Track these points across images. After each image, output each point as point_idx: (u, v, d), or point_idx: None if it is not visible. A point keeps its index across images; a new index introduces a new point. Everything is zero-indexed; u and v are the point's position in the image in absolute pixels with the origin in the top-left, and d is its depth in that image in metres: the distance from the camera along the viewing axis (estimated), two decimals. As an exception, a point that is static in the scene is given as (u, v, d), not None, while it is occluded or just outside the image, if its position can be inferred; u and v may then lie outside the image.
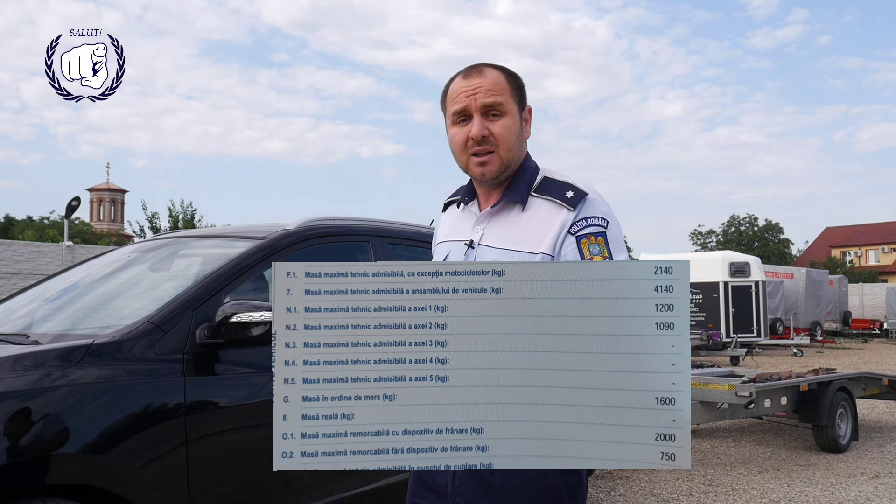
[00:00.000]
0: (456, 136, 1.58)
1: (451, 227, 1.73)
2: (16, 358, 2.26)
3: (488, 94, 1.55)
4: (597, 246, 1.50)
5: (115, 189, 62.50)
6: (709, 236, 54.28)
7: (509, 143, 1.56)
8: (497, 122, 1.55)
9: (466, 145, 1.56)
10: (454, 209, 1.76)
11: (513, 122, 1.57)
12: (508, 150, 1.56)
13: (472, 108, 1.55)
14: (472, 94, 1.55)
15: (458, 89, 1.58)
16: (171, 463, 2.43)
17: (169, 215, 25.45)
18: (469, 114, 1.56)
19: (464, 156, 1.59)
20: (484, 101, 1.54)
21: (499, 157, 1.56)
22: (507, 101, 1.57)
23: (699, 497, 4.97)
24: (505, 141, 1.56)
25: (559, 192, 1.56)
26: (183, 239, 3.76)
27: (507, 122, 1.56)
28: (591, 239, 1.50)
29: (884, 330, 26.88)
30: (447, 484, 1.53)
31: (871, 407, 8.80)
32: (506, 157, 1.56)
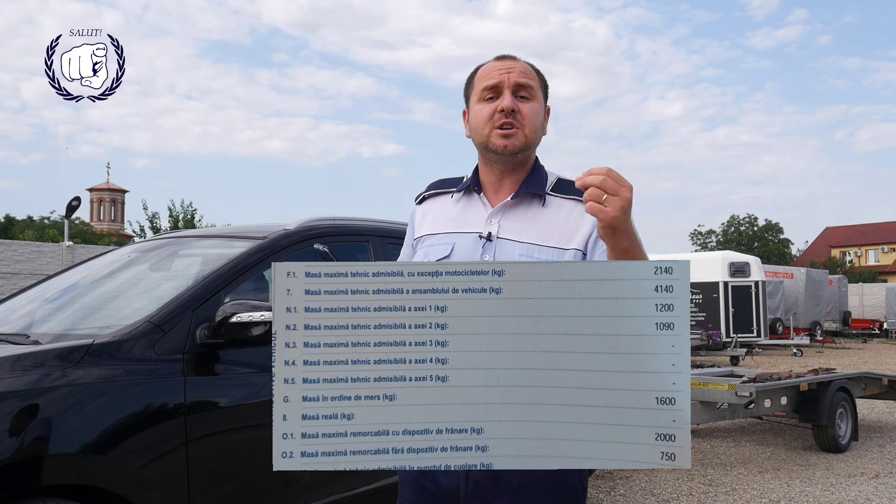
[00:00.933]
0: (482, 111, 1.59)
1: (443, 220, 1.66)
2: (16, 358, 2.26)
3: (521, 75, 1.59)
4: None
5: (116, 189, 62.49)
6: (709, 236, 54.27)
7: (535, 124, 1.59)
8: (526, 104, 1.58)
9: (492, 118, 1.57)
10: (443, 200, 1.70)
11: (539, 108, 1.61)
12: (533, 130, 1.58)
13: (505, 84, 1.57)
14: (506, 73, 1.58)
15: (492, 67, 1.61)
16: (171, 463, 2.43)
17: (169, 215, 25.46)
18: (500, 90, 1.58)
19: (486, 128, 1.57)
20: (517, 80, 1.58)
21: (523, 134, 1.57)
22: (536, 88, 1.61)
23: (699, 497, 4.97)
24: (531, 122, 1.58)
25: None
26: (183, 239, 3.76)
27: (535, 106, 1.60)
28: None
29: (883, 330, 26.87)
30: (459, 487, 1.48)
31: (871, 407, 8.80)
32: (529, 137, 1.57)
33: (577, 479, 1.52)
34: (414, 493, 1.56)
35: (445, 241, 1.61)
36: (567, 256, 1.51)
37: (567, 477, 1.50)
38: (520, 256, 1.52)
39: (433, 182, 1.75)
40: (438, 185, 1.73)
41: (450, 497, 1.50)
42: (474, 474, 1.47)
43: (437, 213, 1.68)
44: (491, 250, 1.55)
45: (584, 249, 1.53)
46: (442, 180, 1.74)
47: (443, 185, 1.72)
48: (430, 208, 1.71)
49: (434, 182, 1.75)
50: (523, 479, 1.46)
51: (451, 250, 1.59)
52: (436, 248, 1.62)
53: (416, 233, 1.72)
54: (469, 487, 1.48)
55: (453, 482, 1.49)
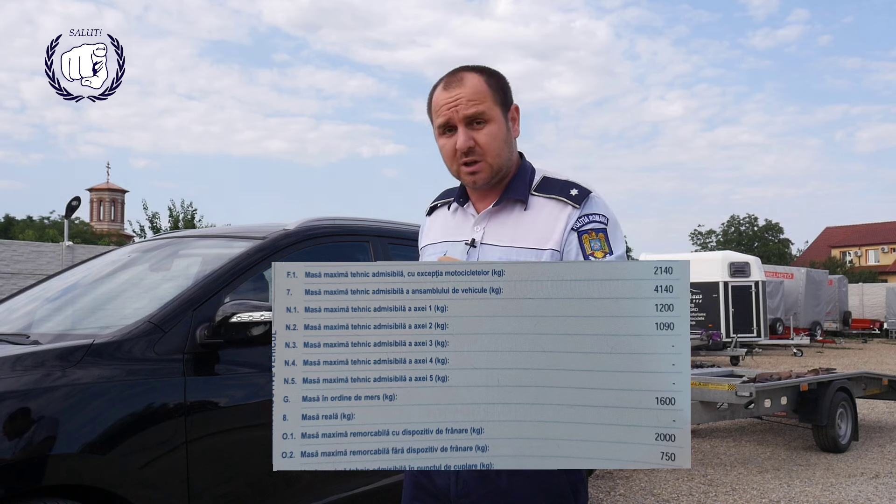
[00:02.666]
0: (444, 147, 1.59)
1: (443, 229, 1.71)
2: (16, 358, 2.26)
3: (469, 105, 1.54)
4: (598, 241, 1.52)
5: (116, 189, 62.49)
6: (709, 236, 54.27)
7: (496, 149, 1.56)
8: (482, 131, 1.55)
9: (455, 155, 1.57)
10: (444, 212, 1.75)
11: (497, 127, 1.57)
12: (496, 156, 1.56)
13: (455, 119, 1.54)
14: (453, 107, 1.54)
15: (440, 102, 1.58)
16: (171, 463, 2.43)
17: (169, 215, 25.46)
18: (453, 125, 1.56)
19: (454, 165, 1.59)
20: (465, 112, 1.54)
21: (487, 165, 1.56)
22: (489, 108, 1.55)
23: (699, 497, 4.97)
24: (491, 149, 1.55)
25: (563, 191, 1.57)
26: (183, 239, 3.75)
27: (493, 129, 1.55)
28: (593, 234, 1.52)
29: (884, 330, 26.86)
30: (450, 486, 1.51)
31: (871, 407, 8.80)
32: (495, 164, 1.57)
33: (567, 483, 1.51)
34: (414, 489, 1.60)
35: (440, 249, 1.68)
36: (544, 256, 1.52)
37: (556, 481, 1.50)
38: (499, 258, 1.55)
39: (441, 192, 1.81)
40: (443, 195, 1.79)
41: (443, 495, 1.53)
42: (464, 475, 1.49)
43: (439, 223, 1.75)
44: (475, 255, 1.59)
45: (559, 249, 1.53)
46: (447, 191, 1.79)
47: (446, 196, 1.78)
48: (436, 219, 1.77)
49: (441, 192, 1.81)
50: (511, 482, 1.47)
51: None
52: (431, 257, 1.70)
53: (421, 242, 1.79)
54: (458, 487, 1.50)
55: (445, 481, 1.52)
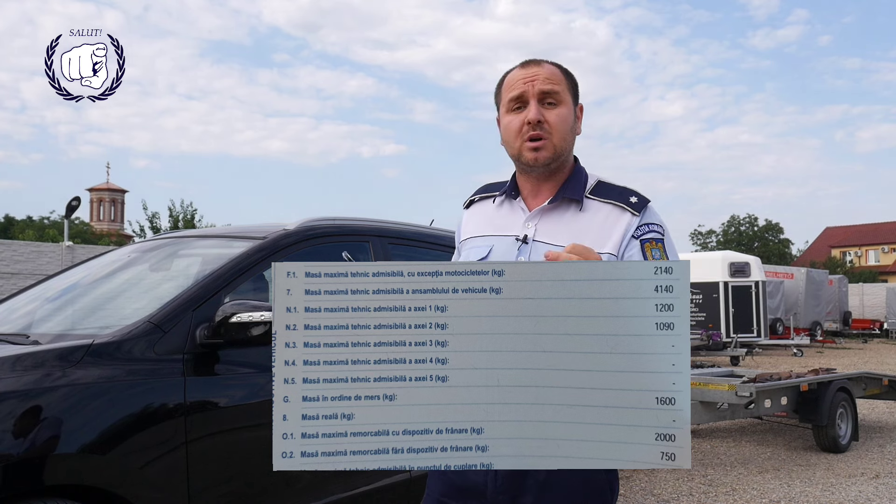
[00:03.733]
0: (511, 123, 1.60)
1: (485, 223, 1.69)
2: (16, 358, 2.25)
3: (546, 82, 1.57)
4: (657, 251, 1.53)
5: (115, 189, 62.49)
6: (709, 236, 54.24)
7: (563, 132, 1.58)
8: (553, 111, 1.57)
9: (521, 131, 1.58)
10: (486, 205, 1.73)
11: (568, 112, 1.59)
12: (562, 138, 1.58)
13: (530, 93, 1.57)
14: (529, 81, 1.58)
15: (516, 76, 1.61)
16: (171, 463, 2.43)
17: (169, 215, 25.46)
18: (526, 100, 1.58)
19: (517, 142, 1.59)
20: (542, 87, 1.57)
21: (552, 144, 1.57)
22: (563, 92, 1.59)
23: (699, 497, 4.97)
24: (559, 129, 1.57)
25: (622, 197, 1.58)
26: (183, 239, 3.75)
27: (563, 112, 1.58)
28: (654, 244, 1.53)
29: (884, 330, 26.86)
30: (487, 482, 1.49)
31: (871, 407, 8.80)
32: (559, 146, 1.57)
33: (606, 480, 1.51)
34: (441, 486, 1.57)
35: (485, 243, 1.66)
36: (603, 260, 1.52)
37: (596, 477, 1.49)
38: None
39: (481, 187, 1.80)
40: (484, 189, 1.77)
41: (477, 492, 1.50)
42: (502, 472, 1.46)
43: (480, 217, 1.73)
44: (526, 252, 1.57)
45: (616, 254, 1.53)
46: (488, 185, 1.78)
47: (488, 190, 1.76)
48: (476, 212, 1.75)
49: (481, 187, 1.80)
50: (550, 476, 1.45)
51: (489, 252, 1.63)
52: (475, 250, 1.67)
53: (461, 236, 1.77)
54: (497, 483, 1.48)
55: (482, 477, 1.49)
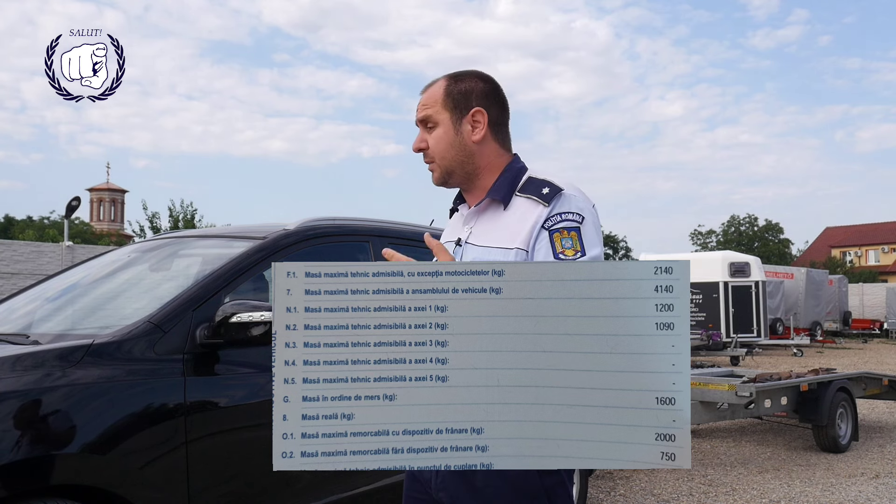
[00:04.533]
0: None
1: (450, 230, 1.81)
2: (16, 358, 2.26)
3: (422, 109, 1.69)
4: (569, 240, 1.51)
5: (116, 189, 62.50)
6: (709, 236, 54.26)
7: (440, 151, 1.67)
8: (431, 134, 1.68)
9: None
10: (456, 213, 1.83)
11: (444, 131, 1.67)
12: (442, 157, 1.67)
13: (417, 121, 1.71)
14: (417, 111, 1.71)
15: None
16: (171, 463, 2.43)
17: (169, 215, 25.48)
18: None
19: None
20: (419, 116, 1.69)
21: (437, 166, 1.68)
22: (436, 112, 1.67)
23: (699, 497, 4.97)
24: (436, 150, 1.67)
25: (536, 189, 1.60)
26: (183, 239, 3.75)
27: (437, 133, 1.67)
28: (564, 233, 1.52)
29: (884, 330, 26.86)
30: (431, 478, 1.58)
31: (871, 407, 8.80)
32: (443, 164, 1.67)
33: (541, 485, 1.50)
34: (409, 480, 1.69)
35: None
36: (510, 255, 1.54)
37: (530, 483, 1.50)
38: (474, 258, 1.61)
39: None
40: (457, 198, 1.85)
41: (426, 485, 1.61)
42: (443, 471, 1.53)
43: (449, 225, 1.85)
44: (459, 254, 1.66)
45: (525, 247, 1.54)
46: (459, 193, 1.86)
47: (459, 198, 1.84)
48: (451, 221, 1.86)
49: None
50: (486, 481, 1.49)
51: None
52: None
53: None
54: (438, 480, 1.56)
55: (428, 473, 1.59)
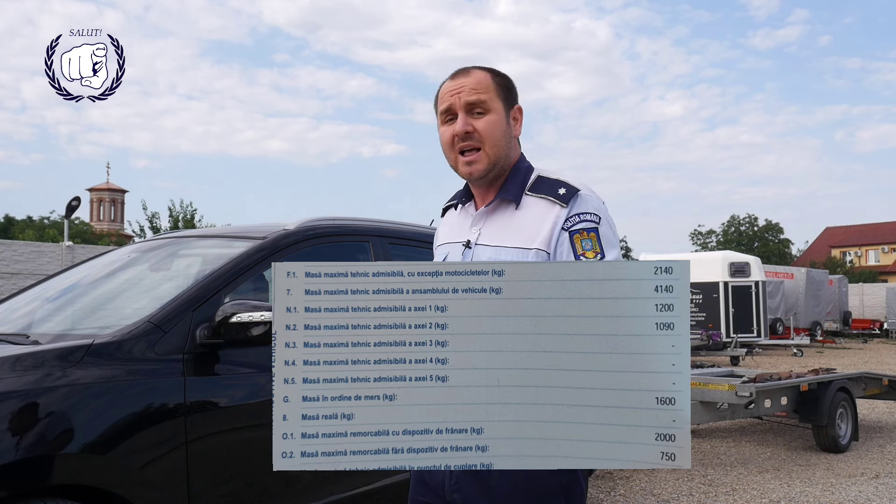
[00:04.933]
0: (444, 135, 1.62)
1: (450, 230, 1.76)
2: (16, 358, 2.26)
3: (471, 93, 1.58)
4: (589, 241, 1.52)
5: (115, 189, 62.49)
6: (709, 236, 54.25)
7: (494, 139, 1.59)
8: (481, 119, 1.58)
9: (453, 143, 1.60)
10: (452, 212, 1.79)
11: (497, 118, 1.60)
12: (494, 145, 1.59)
13: (457, 106, 1.59)
14: (456, 94, 1.59)
15: (446, 89, 1.63)
16: (171, 463, 2.43)
17: (169, 215, 25.48)
18: (454, 112, 1.59)
19: (452, 154, 1.62)
20: (467, 98, 1.58)
21: (485, 155, 1.58)
22: (490, 99, 1.59)
23: (699, 497, 4.97)
24: (489, 137, 1.58)
25: (552, 190, 1.58)
26: (183, 239, 3.75)
27: (492, 119, 1.59)
28: (584, 234, 1.52)
29: (884, 330, 26.85)
30: (444, 481, 1.54)
31: (871, 407, 8.80)
32: (492, 154, 1.59)
33: (558, 483, 1.49)
34: (415, 485, 1.63)
35: (445, 250, 1.73)
36: (529, 256, 1.53)
37: (546, 481, 1.47)
38: (489, 258, 1.57)
39: (453, 194, 1.83)
40: (453, 197, 1.82)
41: (438, 490, 1.56)
42: (457, 472, 1.51)
43: (447, 224, 1.79)
44: (469, 256, 1.62)
45: (547, 249, 1.53)
46: (456, 192, 1.81)
47: (454, 198, 1.80)
48: (447, 220, 1.81)
49: (454, 194, 1.83)
50: (501, 480, 1.47)
51: (445, 258, 1.70)
52: (438, 258, 1.75)
53: (435, 243, 1.83)
54: (452, 482, 1.53)
55: (441, 477, 1.55)
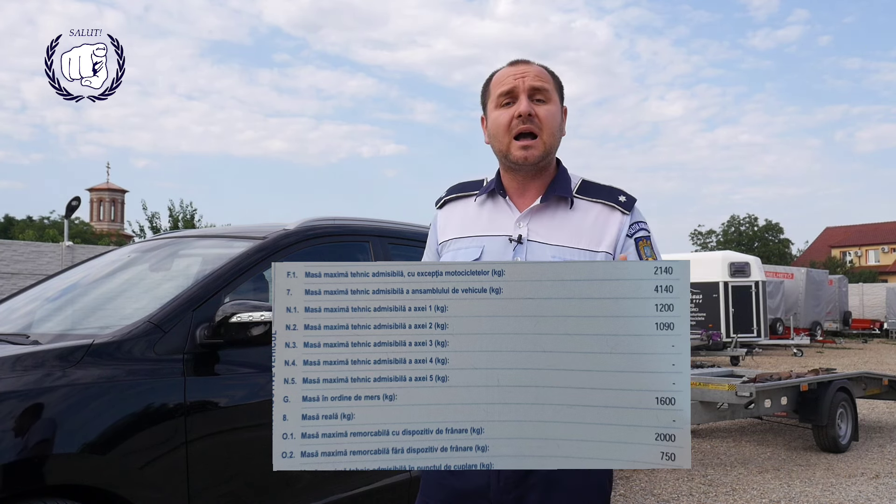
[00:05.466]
0: (500, 118, 1.58)
1: (470, 223, 1.64)
2: (16, 358, 2.25)
3: (536, 79, 1.58)
4: (649, 248, 1.56)
5: (115, 189, 62.47)
6: (709, 236, 54.20)
7: (553, 128, 1.58)
8: (542, 107, 1.58)
9: (510, 126, 1.56)
10: (466, 204, 1.68)
11: (556, 110, 1.60)
12: (551, 134, 1.58)
13: (521, 88, 1.57)
14: (520, 77, 1.58)
15: (506, 73, 1.61)
16: (171, 463, 2.43)
17: (169, 215, 25.47)
18: (516, 95, 1.57)
19: (506, 138, 1.57)
20: (532, 83, 1.57)
21: (542, 143, 1.56)
22: (552, 90, 1.60)
23: (699, 497, 4.97)
24: (549, 125, 1.57)
25: (612, 196, 1.59)
26: (183, 239, 3.75)
27: (552, 108, 1.59)
28: (645, 242, 1.57)
29: (884, 330, 26.85)
30: (490, 484, 1.47)
31: (871, 407, 8.80)
32: (548, 143, 1.58)
33: (606, 476, 1.55)
34: (441, 492, 1.53)
35: (474, 244, 1.61)
36: (598, 258, 1.53)
37: (597, 473, 1.52)
38: (553, 258, 1.52)
39: (453, 186, 1.75)
40: (459, 188, 1.73)
41: (480, 494, 1.48)
42: (507, 471, 1.45)
43: (461, 217, 1.68)
44: (522, 253, 1.55)
45: (612, 252, 1.55)
46: (462, 184, 1.73)
47: (463, 189, 1.71)
48: (454, 212, 1.70)
49: (454, 185, 1.75)
50: (555, 474, 1.44)
51: (482, 253, 1.58)
52: (465, 252, 1.61)
53: (440, 237, 1.71)
54: (500, 483, 1.47)
55: (484, 479, 1.48)
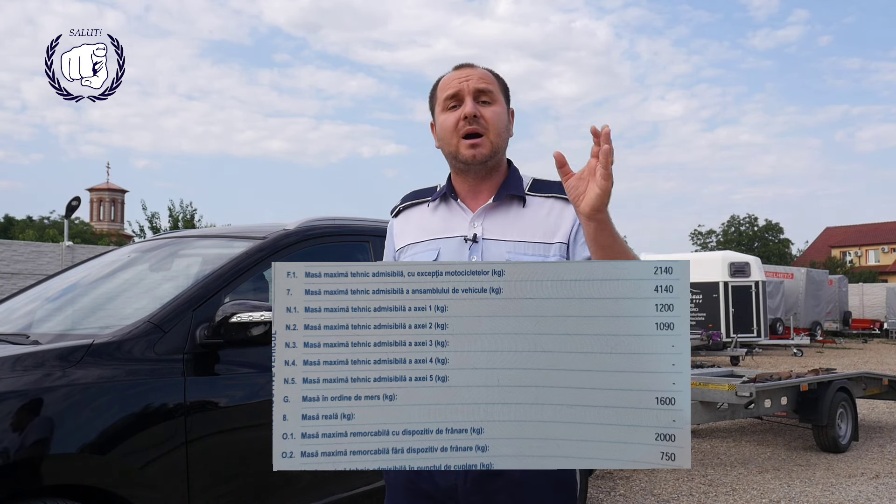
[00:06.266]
0: (447, 120, 1.61)
1: (423, 228, 1.67)
2: (16, 358, 2.26)
3: (480, 81, 1.61)
4: None
5: (115, 189, 62.47)
6: (709, 236, 54.21)
7: (499, 128, 1.61)
8: (488, 108, 1.60)
9: (457, 127, 1.59)
10: (420, 210, 1.71)
11: (502, 110, 1.63)
12: (497, 135, 1.60)
13: (466, 91, 1.60)
14: (465, 80, 1.61)
15: (452, 77, 1.64)
16: (171, 463, 2.43)
17: (169, 215, 25.47)
18: (461, 97, 1.60)
19: (454, 139, 1.59)
20: (477, 85, 1.60)
21: (489, 141, 1.59)
22: (497, 92, 1.63)
23: (699, 497, 4.97)
24: (495, 125, 1.60)
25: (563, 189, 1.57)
26: (183, 239, 3.75)
27: (497, 110, 1.62)
28: None
29: (884, 330, 26.84)
30: (457, 485, 1.49)
31: (871, 407, 8.80)
32: (495, 142, 1.60)
33: (573, 477, 1.57)
34: (407, 496, 1.55)
35: (430, 246, 1.63)
36: (553, 250, 1.55)
37: (565, 474, 1.54)
38: (507, 254, 1.55)
39: (407, 194, 1.77)
40: (413, 196, 1.76)
41: (448, 496, 1.50)
42: (474, 471, 1.47)
43: (416, 223, 1.70)
44: (477, 251, 1.57)
45: (567, 242, 1.57)
46: (416, 191, 1.76)
47: (417, 196, 1.74)
48: (409, 219, 1.72)
49: (408, 194, 1.77)
50: (524, 474, 1.47)
51: (437, 255, 1.61)
52: (421, 255, 1.63)
53: (397, 244, 1.72)
54: (468, 484, 1.48)
55: (451, 480, 1.49)
